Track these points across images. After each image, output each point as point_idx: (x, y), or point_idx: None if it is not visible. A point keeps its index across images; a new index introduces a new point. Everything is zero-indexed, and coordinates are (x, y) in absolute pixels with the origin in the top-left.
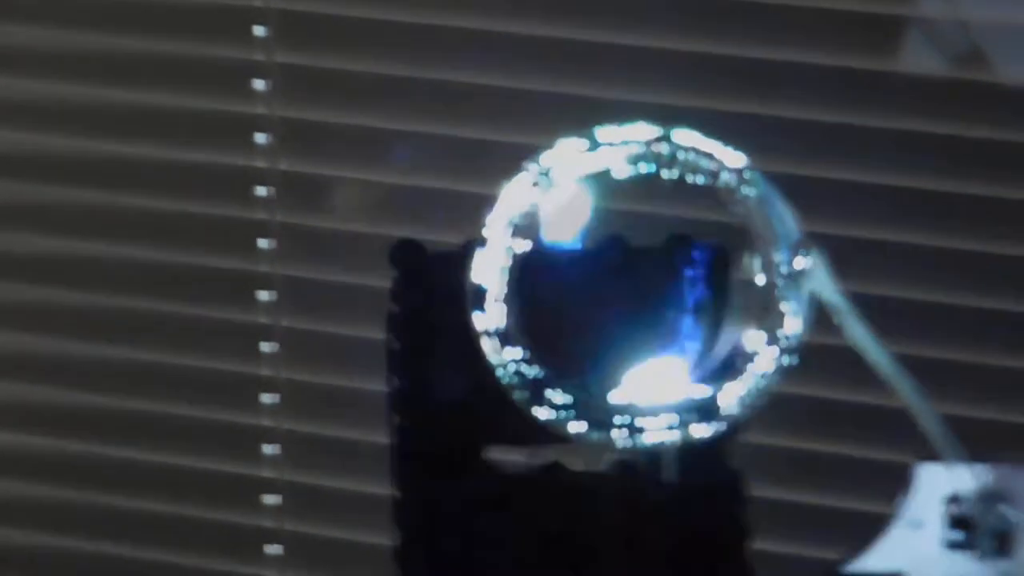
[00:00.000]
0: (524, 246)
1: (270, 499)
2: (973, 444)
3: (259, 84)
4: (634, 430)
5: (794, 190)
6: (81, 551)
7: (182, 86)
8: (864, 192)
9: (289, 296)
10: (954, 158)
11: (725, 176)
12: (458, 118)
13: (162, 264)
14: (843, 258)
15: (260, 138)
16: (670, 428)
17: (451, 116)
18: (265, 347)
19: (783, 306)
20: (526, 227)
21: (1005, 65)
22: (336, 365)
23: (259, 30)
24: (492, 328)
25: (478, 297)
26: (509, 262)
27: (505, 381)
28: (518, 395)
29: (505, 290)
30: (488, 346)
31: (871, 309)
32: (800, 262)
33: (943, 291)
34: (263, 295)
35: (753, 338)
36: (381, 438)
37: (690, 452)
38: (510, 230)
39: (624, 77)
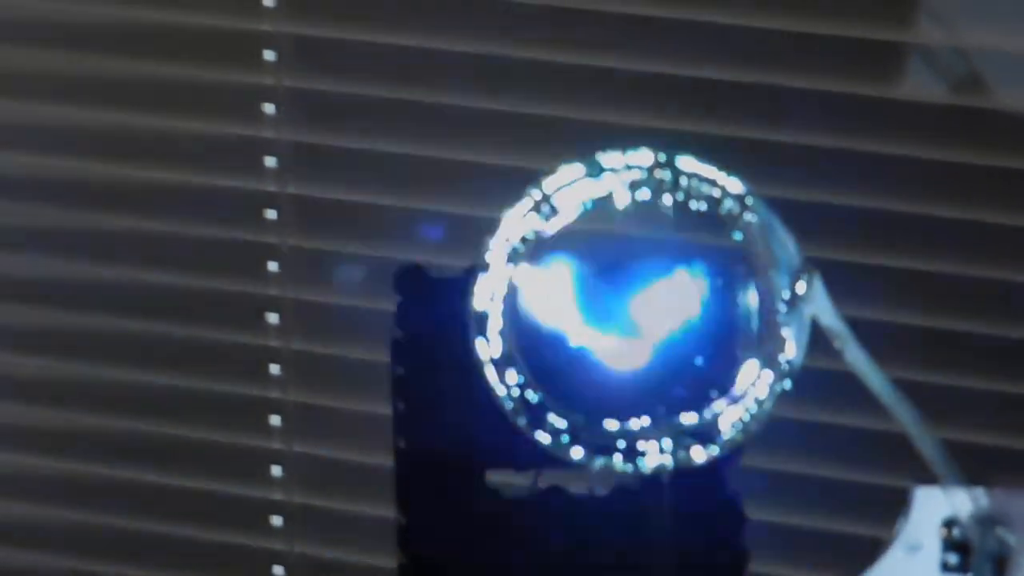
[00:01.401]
0: (524, 271)
1: (277, 520)
2: (971, 468)
3: (269, 108)
4: (633, 454)
5: (794, 215)
6: (87, 572)
7: (192, 110)
8: (864, 217)
9: (297, 319)
10: (954, 184)
11: (727, 202)
12: (464, 142)
13: (171, 287)
14: (842, 283)
15: (270, 161)
16: (669, 452)
17: (457, 140)
18: (273, 369)
19: (783, 331)
20: (525, 252)
21: (1005, 91)
22: (343, 388)
23: (269, 54)
24: (493, 353)
25: (480, 322)
26: (508, 287)
27: (506, 406)
28: (519, 420)
29: (506, 315)
30: (489, 371)
31: (870, 334)
32: (800, 287)
33: (941, 316)
34: (272, 317)
35: (752, 362)
36: (387, 461)
37: (688, 476)
38: (511, 256)
39: (625, 102)
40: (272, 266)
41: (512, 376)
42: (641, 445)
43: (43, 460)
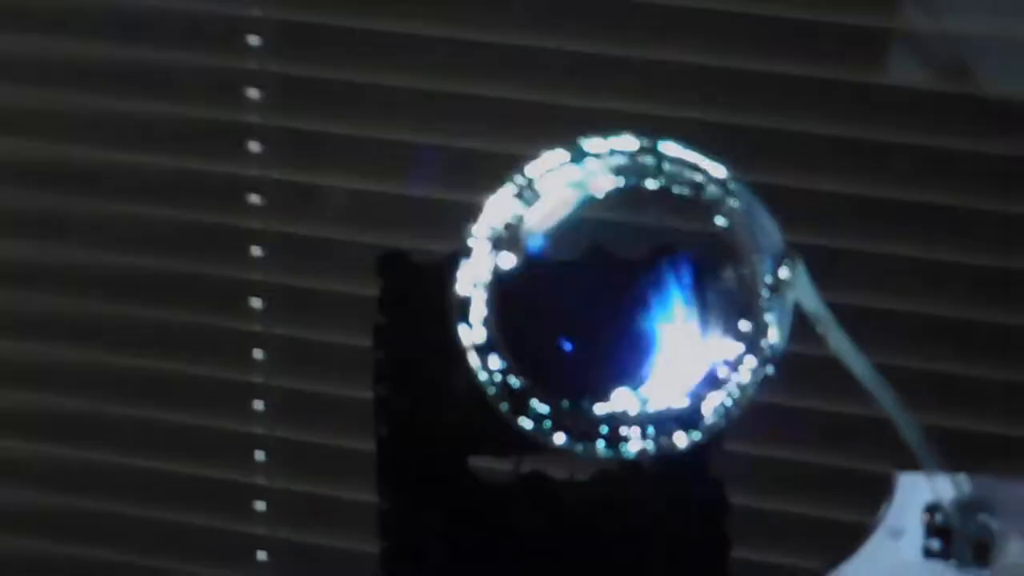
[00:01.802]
0: (508, 258)
1: (260, 505)
2: (953, 454)
3: (253, 93)
4: (616, 440)
5: (777, 200)
6: (70, 556)
7: (176, 95)
8: (847, 202)
9: (280, 304)
10: (940, 169)
11: (710, 188)
12: (448, 128)
13: (154, 271)
14: (825, 269)
15: (253, 146)
16: (651, 438)
17: (441, 126)
18: (256, 354)
19: (766, 316)
20: (509, 239)
21: (991, 78)
22: (325, 373)
23: (253, 39)
24: (476, 339)
25: (462, 308)
26: (492, 274)
27: (489, 391)
28: (501, 405)
29: (488, 301)
30: (472, 356)
31: (852, 319)
32: (783, 272)
33: (925, 302)
34: (255, 303)
35: (735, 348)
36: (369, 446)
37: (671, 462)
38: (493, 242)
39: (608, 88)
40: (256, 251)
41: (494, 361)
42: (623, 431)
43: (23, 444)
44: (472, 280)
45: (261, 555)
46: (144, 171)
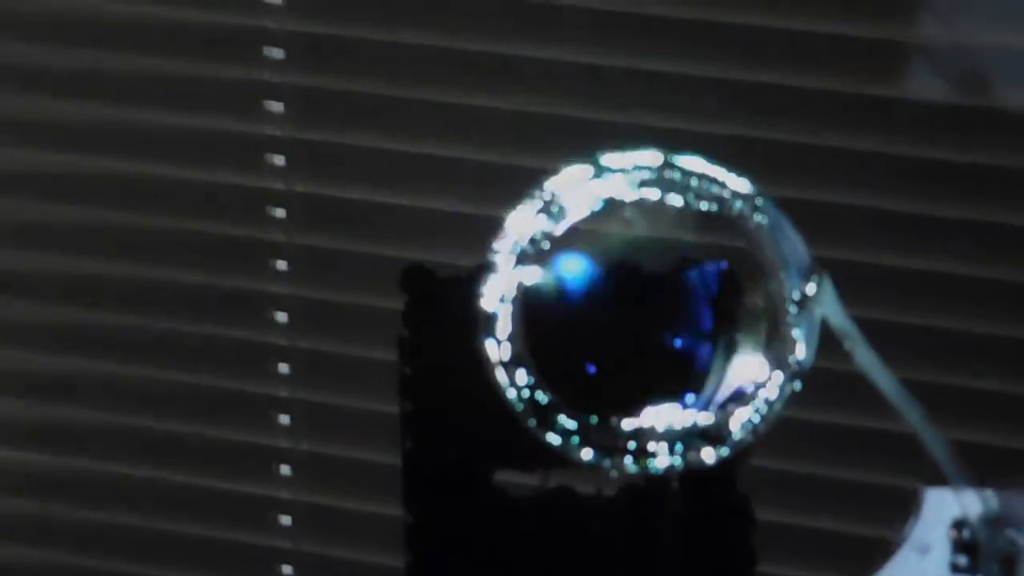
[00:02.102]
0: (532, 272)
1: (285, 519)
2: (980, 469)
3: (275, 105)
4: (642, 455)
5: (802, 215)
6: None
7: (196, 107)
8: (872, 217)
9: (305, 317)
10: (958, 183)
11: (736, 203)
12: (469, 141)
13: (178, 284)
14: (851, 284)
15: (277, 159)
16: (678, 453)
17: (463, 139)
18: (281, 368)
19: (792, 331)
20: (534, 253)
21: (1007, 90)
22: (350, 386)
23: (272, 51)
24: (502, 355)
25: (488, 323)
26: (517, 288)
27: (516, 407)
28: (529, 421)
29: (514, 316)
30: (499, 372)
31: (879, 335)
32: (809, 287)
33: (949, 317)
34: (280, 316)
35: (762, 363)
36: (395, 459)
37: (698, 477)
38: (518, 256)
39: (629, 102)
40: (280, 264)
41: (521, 377)
42: (651, 446)
43: (47, 457)
44: (498, 295)
45: (286, 569)
46: (166, 184)
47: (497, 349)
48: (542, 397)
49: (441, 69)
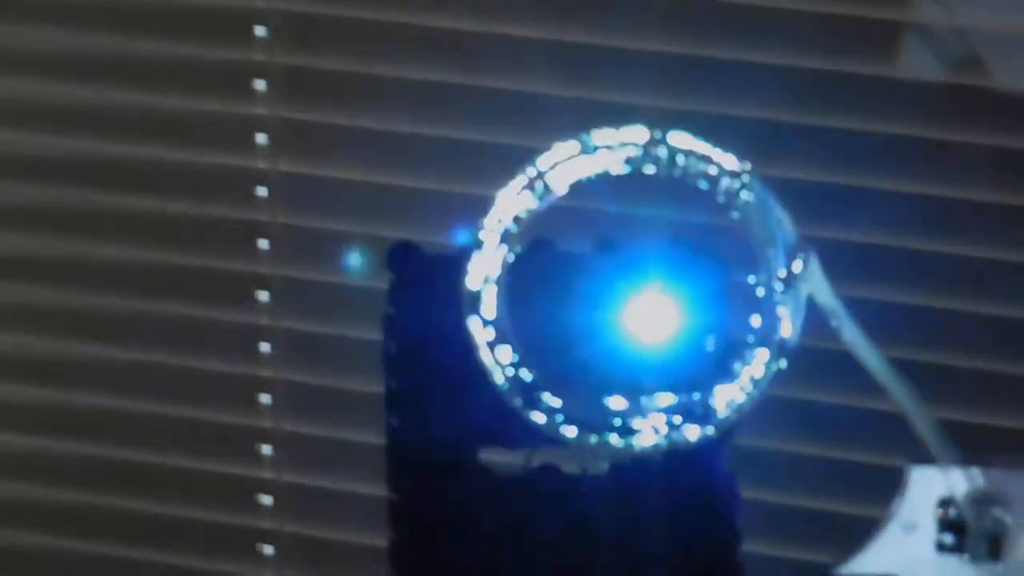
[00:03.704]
0: (519, 250)
1: (267, 499)
2: (967, 447)
3: (260, 85)
4: (627, 433)
5: (790, 193)
6: (76, 552)
7: (182, 87)
8: (860, 196)
9: (287, 297)
10: (951, 163)
11: (723, 180)
12: (457, 120)
13: (161, 265)
14: (838, 262)
15: (261, 139)
16: (663, 431)
17: (450, 118)
18: (263, 347)
19: (779, 309)
20: (521, 231)
21: (1003, 71)
22: (333, 366)
23: (260, 31)
24: (487, 333)
25: (473, 302)
26: (503, 266)
27: (500, 385)
28: (513, 399)
29: (499, 294)
30: (483, 350)
31: (866, 313)
32: (796, 266)
33: (938, 295)
34: (262, 295)
35: (748, 341)
36: (378, 439)
37: (683, 455)
38: (503, 235)
39: (620, 80)
40: (263, 244)
41: (506, 355)
42: (636, 424)
43: (30, 439)
44: (483, 274)
45: (268, 549)
46: (149, 164)
47: (481, 328)
48: (526, 375)
49: (427, 48)
